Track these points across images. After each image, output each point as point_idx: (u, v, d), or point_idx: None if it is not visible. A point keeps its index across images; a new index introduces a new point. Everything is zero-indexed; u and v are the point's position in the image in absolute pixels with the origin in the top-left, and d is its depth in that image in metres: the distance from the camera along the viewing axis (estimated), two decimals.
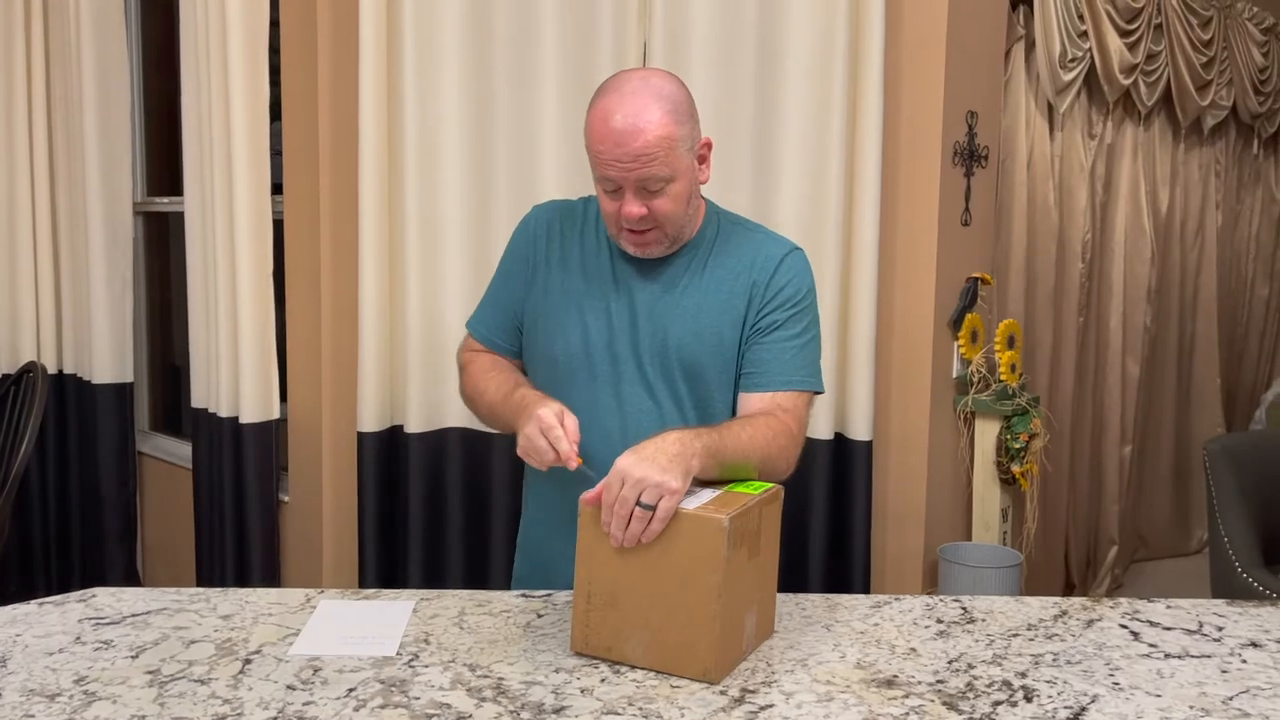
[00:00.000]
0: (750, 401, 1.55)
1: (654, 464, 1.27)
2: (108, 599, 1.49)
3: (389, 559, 2.83)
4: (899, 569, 2.75)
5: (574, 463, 1.38)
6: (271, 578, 3.05)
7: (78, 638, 1.36)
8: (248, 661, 1.30)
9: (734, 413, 1.58)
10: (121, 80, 3.50)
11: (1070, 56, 3.36)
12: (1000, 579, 2.63)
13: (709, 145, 1.53)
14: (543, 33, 2.66)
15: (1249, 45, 4.45)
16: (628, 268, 1.57)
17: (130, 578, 3.63)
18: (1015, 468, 2.81)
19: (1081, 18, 3.37)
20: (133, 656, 1.31)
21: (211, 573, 3.15)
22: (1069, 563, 3.89)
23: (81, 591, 1.52)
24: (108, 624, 1.40)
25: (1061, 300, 3.66)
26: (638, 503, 1.25)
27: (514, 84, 2.68)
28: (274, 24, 2.95)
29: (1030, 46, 3.35)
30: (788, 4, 2.57)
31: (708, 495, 1.31)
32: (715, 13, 2.59)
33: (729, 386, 1.58)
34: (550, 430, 1.38)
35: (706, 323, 1.55)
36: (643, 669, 1.28)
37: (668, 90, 1.45)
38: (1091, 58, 3.46)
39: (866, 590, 2.67)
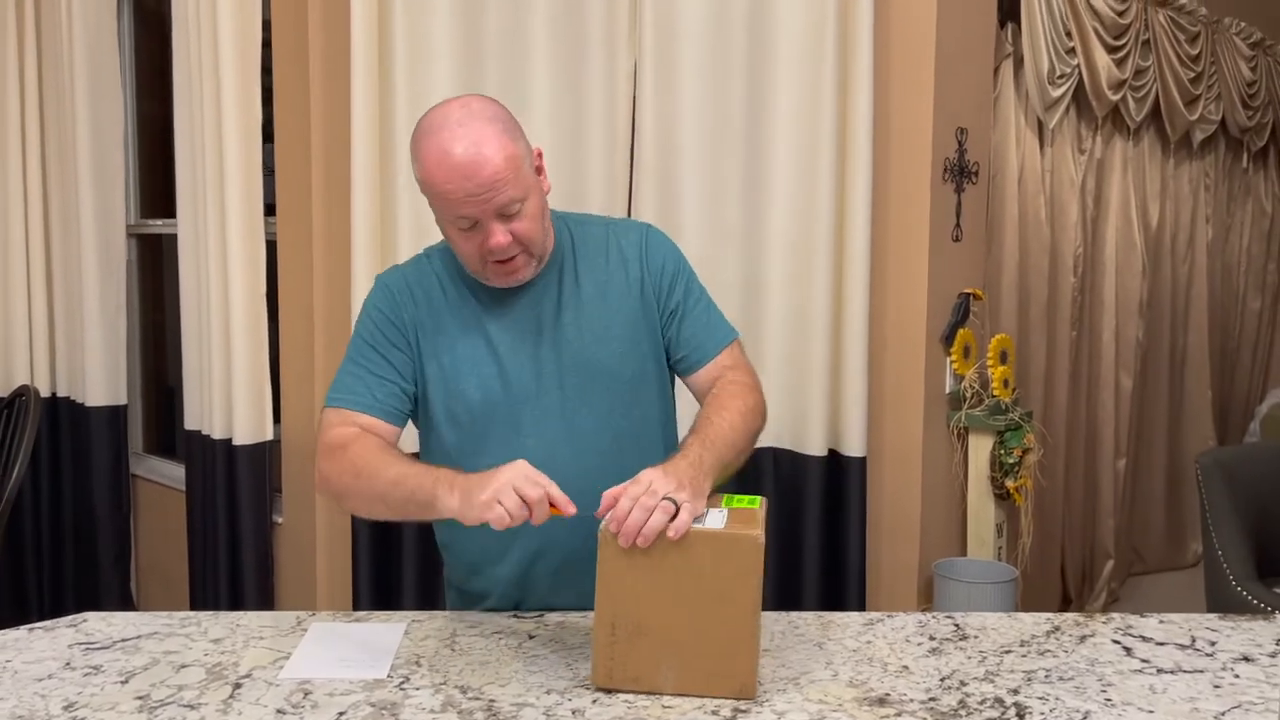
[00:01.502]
0: (699, 378, 1.56)
1: (675, 480, 1.27)
2: (98, 624, 1.48)
3: (383, 580, 2.82)
4: (894, 585, 2.75)
5: (571, 508, 1.29)
6: (266, 600, 3.04)
7: (67, 663, 1.36)
8: (238, 685, 1.29)
9: (670, 401, 1.60)
10: (114, 102, 3.51)
11: (1058, 73, 3.38)
12: (995, 594, 2.62)
13: (541, 154, 1.50)
14: (533, 50, 2.67)
15: (1237, 60, 4.48)
16: (502, 304, 1.51)
17: (124, 601, 3.62)
18: (1009, 483, 2.81)
19: (1069, 34, 3.40)
20: (122, 681, 1.30)
21: (206, 595, 3.14)
22: (1065, 578, 3.89)
23: (72, 616, 1.51)
24: (98, 649, 1.40)
25: (1053, 315, 3.67)
26: (665, 498, 1.24)
27: (504, 99, 2.67)
28: (266, 45, 2.97)
29: (1019, 63, 3.37)
30: (777, 18, 2.58)
31: (719, 515, 1.29)
32: (705, 27, 2.61)
33: (653, 380, 1.57)
34: (537, 479, 1.28)
35: (612, 330, 1.52)
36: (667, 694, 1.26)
37: (491, 111, 1.41)
38: (1080, 74, 3.49)
39: (862, 607, 2.66)
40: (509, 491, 1.26)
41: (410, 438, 1.57)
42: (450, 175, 1.36)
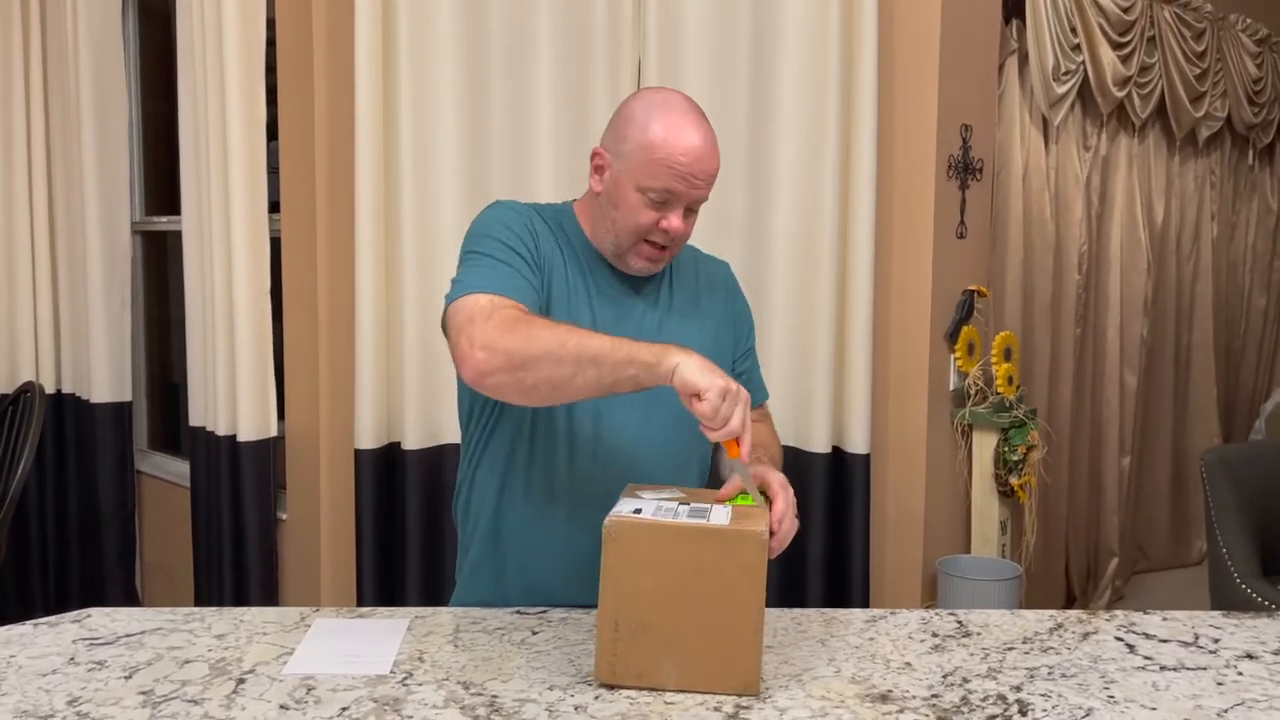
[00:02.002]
0: None
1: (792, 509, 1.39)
2: (102, 619, 1.49)
3: (387, 576, 2.83)
4: (898, 582, 2.75)
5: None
6: (270, 596, 3.05)
7: (71, 658, 1.36)
8: (241, 681, 1.29)
9: None
10: (119, 100, 3.52)
11: (1064, 69, 3.38)
12: (999, 591, 2.62)
13: None
14: (537, 48, 2.67)
15: (1243, 56, 4.47)
16: (618, 284, 1.55)
17: (129, 597, 3.63)
18: (1013, 480, 2.81)
19: (1074, 31, 3.39)
20: (126, 677, 1.30)
21: (210, 591, 3.15)
22: (1070, 575, 3.88)
23: (76, 612, 1.51)
24: (102, 644, 1.40)
25: (1058, 312, 3.67)
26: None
27: (509, 98, 2.70)
28: (270, 43, 2.97)
29: (1024, 60, 3.36)
30: (781, 17, 2.58)
31: (723, 511, 1.30)
32: (709, 26, 2.61)
33: None
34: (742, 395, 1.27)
35: (699, 340, 1.55)
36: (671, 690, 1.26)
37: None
38: (1085, 70, 3.48)
39: (866, 604, 2.66)
40: (721, 398, 1.25)
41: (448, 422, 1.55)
42: (688, 151, 1.43)
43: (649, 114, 1.45)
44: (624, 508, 1.28)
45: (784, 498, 1.36)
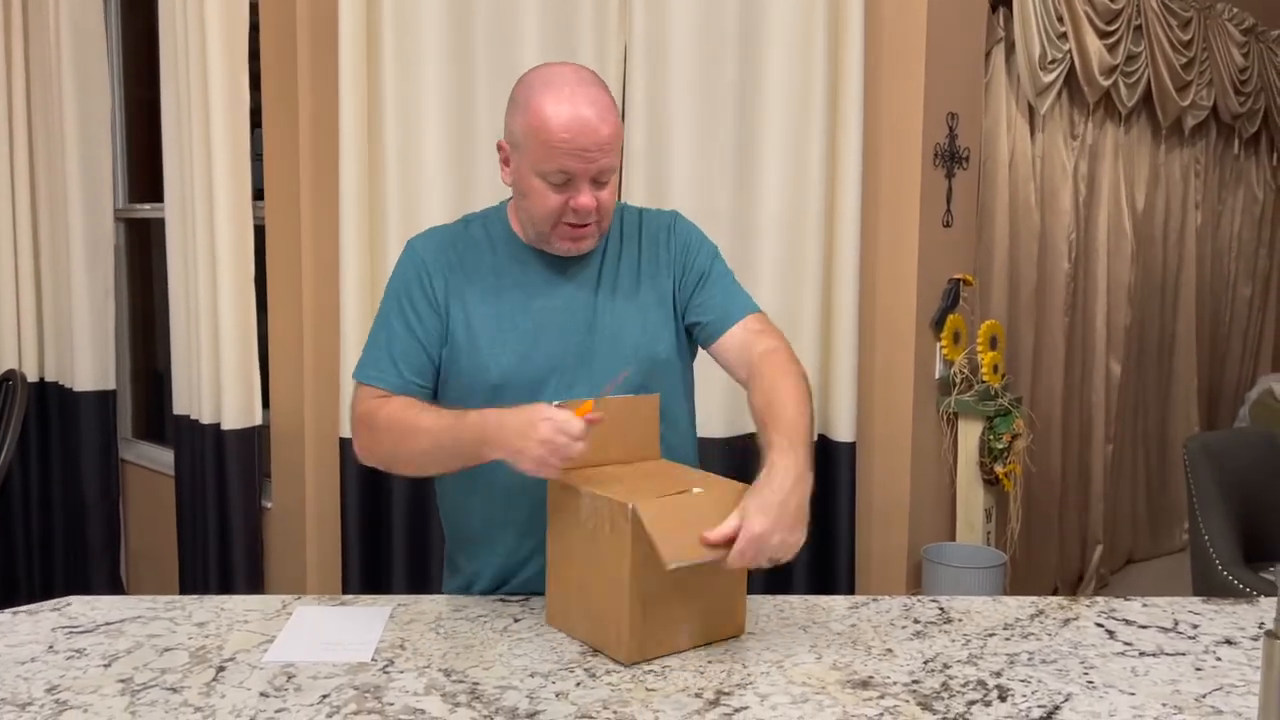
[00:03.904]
0: (727, 341, 1.54)
1: (784, 524, 1.30)
2: (82, 607, 1.48)
3: (372, 565, 2.82)
4: (883, 570, 2.76)
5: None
6: (255, 585, 3.04)
7: (50, 646, 1.35)
8: (221, 669, 1.29)
9: (691, 378, 1.63)
10: (101, 87, 3.49)
11: (1050, 58, 3.37)
12: (984, 579, 2.63)
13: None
14: (523, 36, 2.66)
15: (1229, 46, 4.48)
16: (542, 276, 1.52)
17: (114, 585, 3.62)
18: (998, 468, 2.82)
19: (1061, 19, 3.39)
20: (105, 665, 1.30)
21: (195, 580, 3.14)
22: (1056, 563, 3.90)
23: (55, 600, 1.51)
24: (81, 632, 1.40)
25: (1044, 300, 3.67)
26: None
27: (494, 86, 2.68)
28: (254, 29, 2.95)
29: (1010, 48, 3.36)
30: (767, 6, 2.57)
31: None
32: (695, 16, 2.60)
33: (678, 359, 1.58)
34: (570, 428, 1.29)
35: (647, 312, 1.54)
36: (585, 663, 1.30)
37: (602, 84, 1.46)
38: (1071, 59, 3.48)
39: (851, 591, 2.67)
40: (546, 450, 1.30)
41: None
42: (570, 126, 1.39)
43: (529, 96, 1.43)
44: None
45: (745, 534, 1.27)
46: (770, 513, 1.29)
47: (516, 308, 1.51)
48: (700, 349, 1.62)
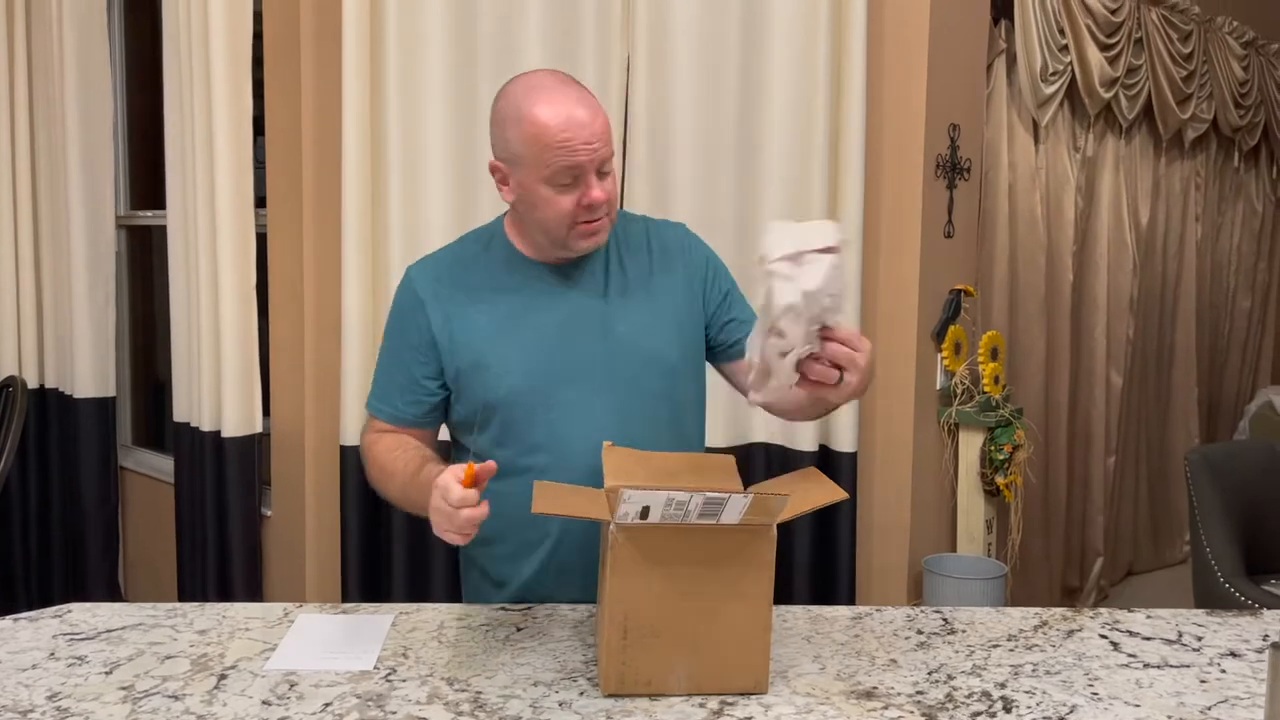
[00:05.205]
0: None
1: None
2: (83, 615, 1.48)
3: (372, 573, 2.82)
4: (884, 581, 2.75)
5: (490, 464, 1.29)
6: (254, 593, 3.03)
7: (52, 653, 1.35)
8: (223, 677, 1.29)
9: (703, 388, 1.62)
10: (104, 93, 3.49)
11: (1051, 70, 3.39)
12: (985, 590, 2.63)
13: None
14: (526, 42, 2.66)
15: (1229, 59, 4.49)
16: (549, 285, 1.53)
17: (113, 593, 3.61)
18: (999, 479, 2.82)
19: (1062, 31, 3.40)
20: (106, 672, 1.29)
21: (194, 587, 3.13)
22: (1056, 575, 3.90)
23: (56, 607, 1.50)
24: (82, 640, 1.39)
25: (1045, 312, 3.68)
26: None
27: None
28: (257, 37, 2.95)
29: (1012, 60, 3.37)
30: (770, 13, 2.58)
31: (739, 500, 1.21)
32: (698, 24, 2.61)
33: (691, 367, 1.59)
34: (448, 491, 1.27)
35: (660, 318, 1.54)
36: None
37: (578, 81, 1.50)
38: (1072, 71, 3.49)
39: (852, 602, 2.66)
40: (439, 519, 1.29)
41: None
42: (567, 124, 1.41)
43: (518, 108, 1.44)
44: (630, 508, 1.20)
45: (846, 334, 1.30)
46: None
47: (521, 322, 1.51)
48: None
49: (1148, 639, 1.46)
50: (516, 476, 1.47)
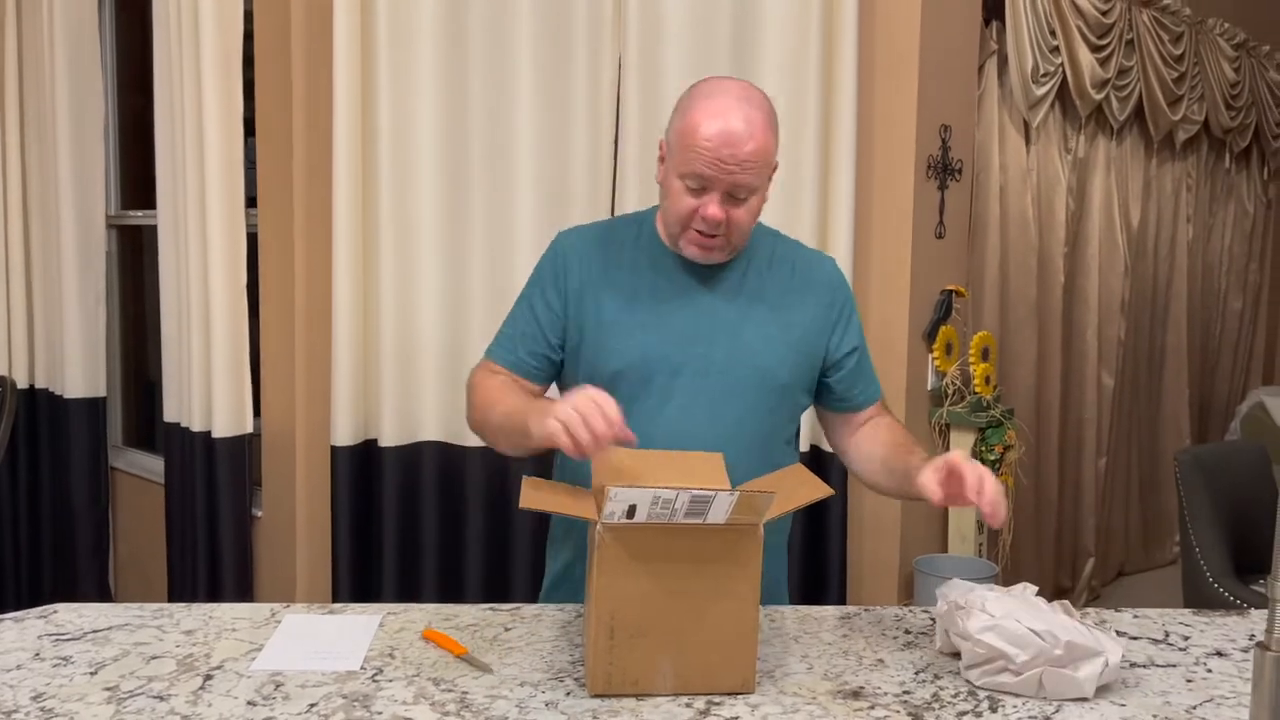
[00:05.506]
0: (857, 417, 1.65)
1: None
2: (69, 615, 1.47)
3: (363, 574, 2.81)
4: (875, 581, 2.75)
5: (621, 437, 1.27)
6: (244, 594, 3.02)
7: (37, 654, 1.34)
8: (208, 677, 1.28)
9: (798, 422, 1.67)
10: (95, 92, 3.48)
11: (1042, 71, 3.39)
12: None
13: (776, 167, 1.55)
14: (517, 45, 2.66)
15: (1220, 60, 4.51)
16: (684, 278, 1.56)
17: (103, 594, 3.60)
18: None
19: (1053, 33, 3.41)
20: (91, 673, 1.29)
21: (184, 588, 3.12)
22: (1047, 576, 3.90)
23: (42, 608, 1.50)
24: (68, 640, 1.39)
25: (1036, 312, 3.68)
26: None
27: (488, 94, 2.68)
28: (248, 37, 2.95)
29: (1003, 61, 3.38)
30: (761, 18, 2.58)
31: (726, 498, 1.20)
32: (689, 25, 2.60)
33: (798, 396, 1.60)
34: (603, 402, 1.26)
35: (784, 337, 1.56)
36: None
37: (768, 105, 1.50)
38: (1063, 72, 3.50)
39: (843, 602, 2.66)
40: (569, 410, 1.27)
41: None
42: (714, 136, 1.43)
43: (689, 102, 1.48)
44: (616, 506, 1.20)
45: (970, 469, 1.36)
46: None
47: (648, 306, 1.54)
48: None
49: (1135, 638, 1.46)
50: None
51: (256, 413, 3.04)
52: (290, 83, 2.84)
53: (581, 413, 1.26)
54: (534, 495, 1.30)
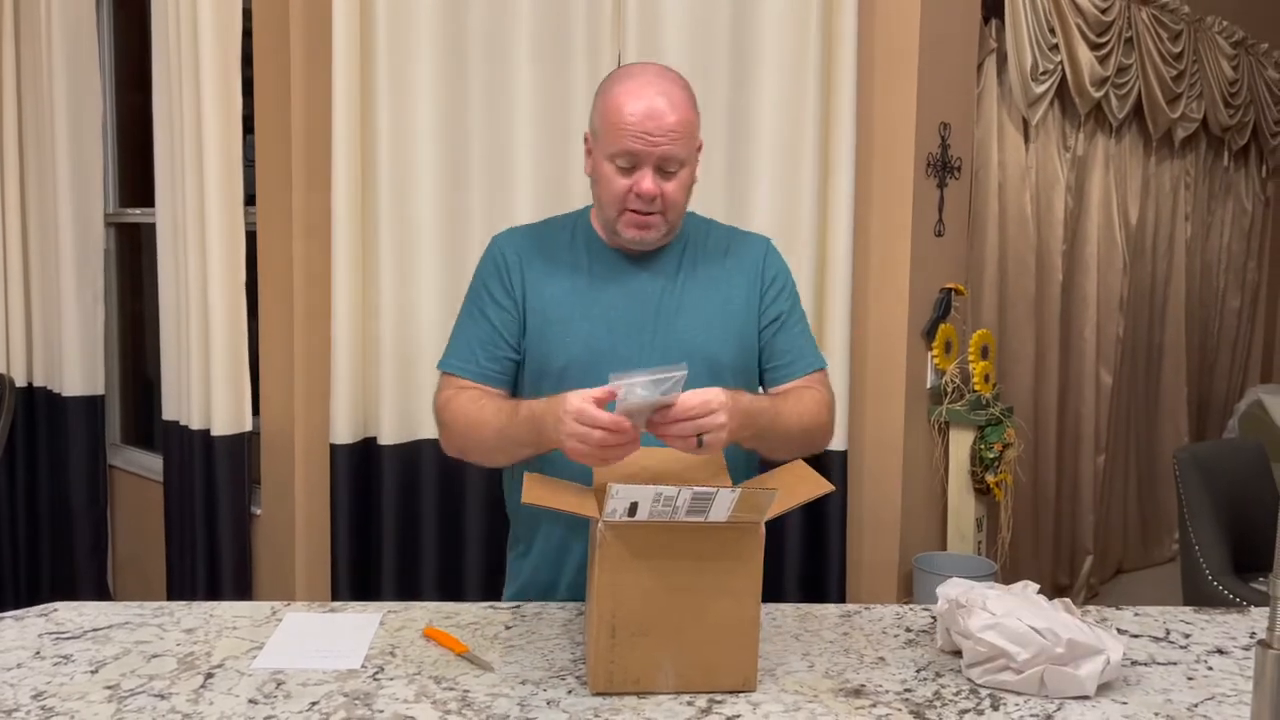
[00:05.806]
0: (784, 388, 1.61)
1: (727, 416, 1.31)
2: (69, 613, 1.47)
3: (362, 572, 2.81)
4: (874, 579, 2.75)
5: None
6: (243, 592, 3.02)
7: (37, 652, 1.34)
8: (209, 675, 1.28)
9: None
10: (93, 90, 3.47)
11: (1042, 69, 3.39)
12: None
13: (701, 146, 1.58)
14: (517, 42, 2.66)
15: (1219, 58, 4.51)
16: (619, 272, 1.58)
17: (101, 592, 3.59)
18: (989, 477, 2.82)
19: (1053, 31, 3.41)
20: (92, 671, 1.29)
21: (183, 587, 3.11)
22: (1046, 574, 3.91)
23: (42, 606, 1.50)
24: (68, 638, 1.38)
25: (1035, 310, 3.68)
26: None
27: (487, 93, 2.68)
28: (247, 35, 2.94)
29: (1002, 59, 3.38)
30: (761, 16, 2.58)
31: (727, 495, 1.20)
32: (688, 24, 2.60)
33: (745, 378, 1.60)
34: (585, 415, 1.28)
35: (722, 321, 1.58)
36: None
37: (685, 82, 1.54)
38: (1063, 70, 3.49)
39: (842, 600, 2.66)
40: (576, 443, 1.28)
41: None
42: (638, 110, 1.46)
43: (609, 87, 1.52)
44: (618, 504, 1.20)
45: (687, 400, 1.29)
46: (723, 398, 1.31)
47: (590, 299, 1.56)
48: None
49: (1136, 636, 1.46)
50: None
51: (255, 411, 3.04)
52: (289, 80, 2.83)
53: (584, 441, 1.27)
54: (537, 491, 1.30)
